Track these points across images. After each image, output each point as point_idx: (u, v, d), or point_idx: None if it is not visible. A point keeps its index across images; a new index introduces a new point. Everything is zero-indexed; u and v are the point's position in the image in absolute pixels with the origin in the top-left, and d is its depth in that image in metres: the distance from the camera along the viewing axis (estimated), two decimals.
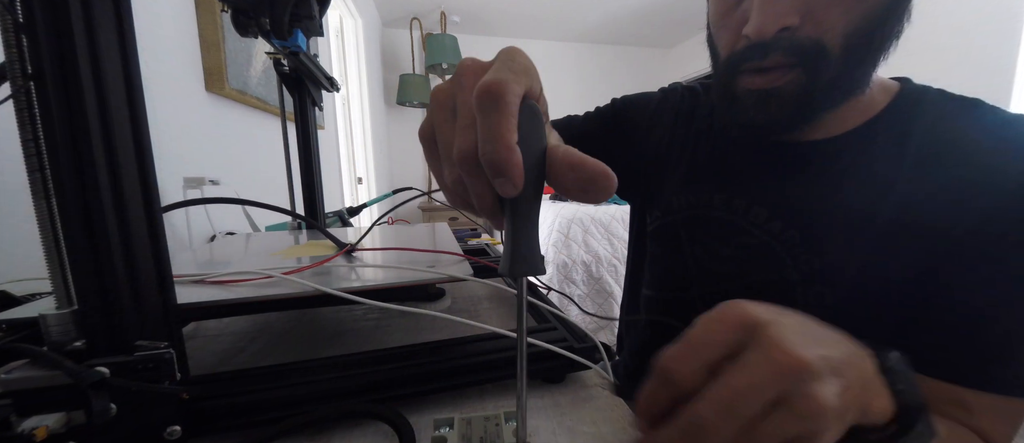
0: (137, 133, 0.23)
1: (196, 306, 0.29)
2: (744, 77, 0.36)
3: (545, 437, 0.26)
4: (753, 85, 0.36)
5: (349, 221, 0.84)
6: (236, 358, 0.37)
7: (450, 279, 0.36)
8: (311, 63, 0.62)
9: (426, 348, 0.31)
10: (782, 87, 0.35)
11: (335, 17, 2.23)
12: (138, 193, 0.23)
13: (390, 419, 0.25)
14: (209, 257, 0.47)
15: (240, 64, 1.00)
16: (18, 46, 0.20)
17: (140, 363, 0.22)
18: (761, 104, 0.36)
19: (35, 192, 0.22)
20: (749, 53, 0.35)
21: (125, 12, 0.22)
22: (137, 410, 0.22)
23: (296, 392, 0.26)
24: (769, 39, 0.33)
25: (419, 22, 3.18)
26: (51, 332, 0.22)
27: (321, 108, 0.71)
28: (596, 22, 3.29)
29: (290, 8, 0.47)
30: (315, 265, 0.38)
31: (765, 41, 0.33)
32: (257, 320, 0.46)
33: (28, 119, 0.21)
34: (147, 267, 0.24)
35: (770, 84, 0.35)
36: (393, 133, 3.46)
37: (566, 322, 0.36)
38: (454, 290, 0.54)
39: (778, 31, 0.33)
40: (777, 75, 0.35)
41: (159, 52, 0.76)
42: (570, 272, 1.90)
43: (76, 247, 0.22)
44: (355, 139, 2.56)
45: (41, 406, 0.21)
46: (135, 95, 0.23)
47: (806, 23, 0.32)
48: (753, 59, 0.35)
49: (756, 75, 0.35)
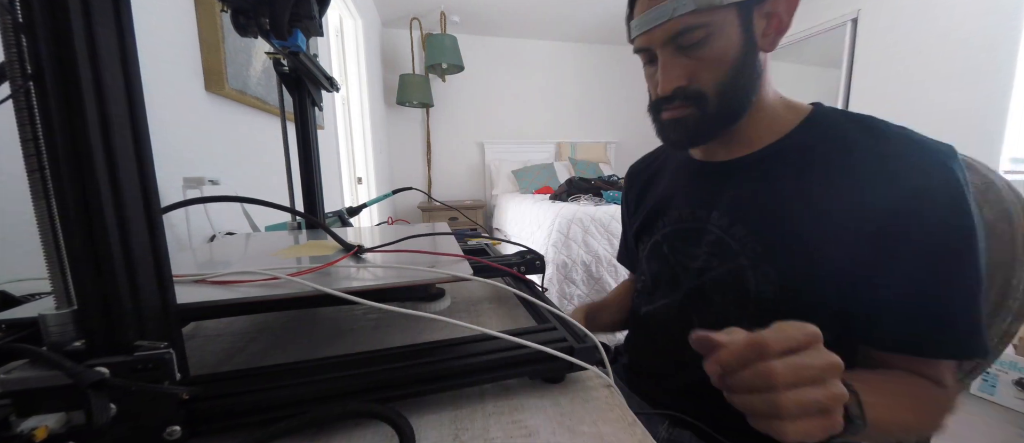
0: (137, 133, 0.23)
1: (196, 306, 0.29)
2: (663, 112, 0.53)
3: (545, 437, 0.26)
4: (668, 116, 0.53)
5: (349, 221, 0.84)
6: (236, 358, 0.37)
7: (451, 279, 0.36)
8: (311, 63, 0.62)
9: (426, 348, 0.31)
10: (684, 118, 0.51)
11: (335, 17, 2.23)
12: (138, 193, 0.23)
13: (390, 419, 0.25)
14: (209, 257, 0.47)
15: (240, 64, 1.00)
16: (18, 46, 0.20)
17: (140, 363, 0.22)
18: (674, 128, 0.53)
19: (34, 192, 0.22)
20: (661, 101, 0.52)
21: (124, 12, 0.22)
22: (137, 410, 0.22)
23: (296, 392, 0.26)
24: (670, 93, 0.50)
25: (419, 22, 3.18)
26: (51, 332, 0.22)
27: (321, 108, 0.71)
28: (596, 22, 3.29)
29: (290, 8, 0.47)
30: (325, 266, 0.38)
31: (668, 95, 0.50)
32: (257, 320, 0.46)
33: (27, 119, 0.21)
34: (147, 267, 0.24)
35: (676, 115, 0.52)
36: (393, 133, 3.46)
37: (566, 322, 0.36)
38: (454, 290, 0.54)
39: (674, 89, 0.50)
40: (679, 110, 0.51)
41: (159, 52, 0.76)
42: (570, 272, 1.90)
43: (75, 247, 0.22)
44: (355, 139, 2.56)
45: (41, 406, 0.21)
46: (135, 95, 0.23)
47: (691, 81, 0.49)
48: (664, 104, 0.52)
49: (668, 110, 0.53)
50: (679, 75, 0.49)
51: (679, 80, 0.49)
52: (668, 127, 0.54)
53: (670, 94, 0.50)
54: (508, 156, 3.63)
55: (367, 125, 2.63)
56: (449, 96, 3.51)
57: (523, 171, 3.38)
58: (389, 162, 3.42)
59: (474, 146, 3.67)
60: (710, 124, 0.51)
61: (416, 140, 3.55)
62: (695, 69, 0.49)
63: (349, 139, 2.46)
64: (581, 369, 0.31)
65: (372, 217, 2.68)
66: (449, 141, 3.60)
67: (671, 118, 0.53)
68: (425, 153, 3.55)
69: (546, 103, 3.76)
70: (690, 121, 0.51)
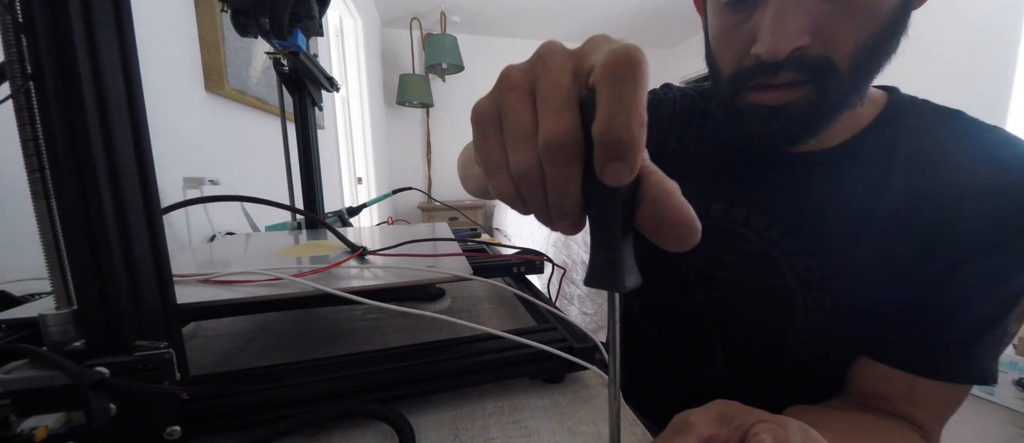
0: (137, 133, 0.23)
1: (196, 306, 0.29)
2: (751, 93, 0.36)
3: (545, 437, 0.26)
4: (761, 101, 0.36)
5: (349, 221, 0.84)
6: (236, 358, 0.37)
7: (452, 278, 0.36)
8: (311, 63, 0.62)
9: (426, 348, 0.31)
10: (792, 103, 0.35)
11: (335, 17, 2.23)
12: (138, 193, 0.23)
13: (390, 419, 0.25)
14: (209, 257, 0.47)
15: (240, 64, 1.00)
16: (18, 46, 0.20)
17: (140, 363, 0.22)
18: (768, 119, 0.36)
19: (34, 192, 0.22)
20: (758, 71, 0.34)
21: (125, 12, 0.22)
22: (137, 410, 0.22)
23: (296, 392, 0.26)
24: (782, 59, 0.33)
25: (419, 22, 3.18)
26: (51, 332, 0.22)
27: (321, 108, 0.71)
28: (596, 22, 3.29)
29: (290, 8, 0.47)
30: (330, 267, 0.38)
31: (777, 61, 0.33)
32: (257, 320, 0.46)
33: (27, 119, 0.21)
34: (147, 267, 0.24)
35: (779, 100, 0.35)
36: (393, 133, 3.46)
37: (566, 322, 0.36)
38: (454, 290, 0.54)
39: (792, 51, 0.32)
40: (786, 92, 0.35)
41: (159, 52, 0.76)
42: (570, 272, 1.90)
43: (75, 247, 0.22)
44: (355, 139, 2.56)
45: (40, 406, 0.21)
46: (135, 95, 0.23)
47: (816, 41, 0.32)
48: (762, 77, 0.34)
49: (764, 91, 0.35)
50: (804, 27, 0.31)
51: (802, 36, 0.32)
52: (757, 116, 0.36)
53: (783, 59, 0.32)
54: None
55: (367, 125, 2.62)
56: (449, 96, 3.51)
57: None
58: (389, 162, 3.42)
59: None
60: (826, 115, 0.35)
61: (416, 140, 3.55)
62: (830, 19, 0.31)
63: (349, 139, 2.46)
64: (581, 369, 0.31)
65: (372, 217, 2.68)
66: (449, 141, 3.60)
67: (766, 102, 0.35)
68: (425, 153, 3.55)
69: None
70: (799, 108, 0.34)
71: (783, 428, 0.20)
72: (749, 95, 0.36)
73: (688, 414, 0.24)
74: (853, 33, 0.32)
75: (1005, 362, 1.50)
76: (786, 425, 0.20)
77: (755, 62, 0.35)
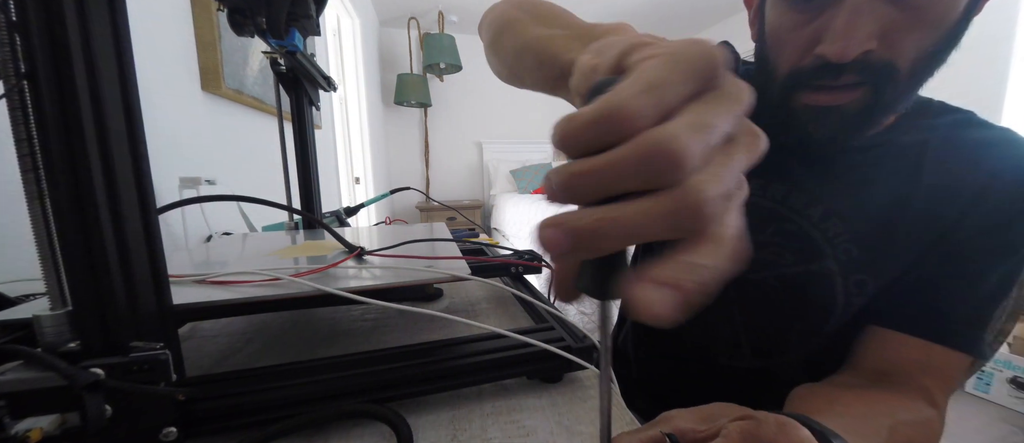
0: (132, 133, 0.23)
1: (192, 307, 0.29)
2: (807, 93, 0.36)
3: (543, 436, 0.26)
4: (817, 102, 0.36)
5: (347, 221, 0.84)
6: (233, 359, 0.37)
7: (450, 278, 0.36)
8: (308, 63, 0.62)
9: (424, 348, 0.31)
10: (846, 105, 0.35)
11: (332, 16, 2.22)
12: (133, 193, 0.23)
13: (388, 419, 0.25)
14: (205, 257, 0.47)
15: (236, 63, 0.99)
16: (11, 45, 0.20)
17: (135, 364, 0.22)
18: (821, 119, 0.36)
19: (29, 192, 0.21)
20: (821, 72, 0.35)
21: (120, 11, 0.22)
22: (133, 412, 0.22)
23: (293, 393, 0.26)
24: (848, 62, 0.33)
25: (417, 22, 3.18)
26: (45, 333, 0.22)
27: (318, 108, 0.71)
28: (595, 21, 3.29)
29: (287, 7, 0.47)
30: (327, 268, 0.37)
31: (844, 63, 0.33)
32: (254, 321, 0.45)
33: (21, 119, 0.21)
34: (142, 268, 0.23)
35: (835, 101, 0.35)
36: (391, 133, 3.45)
37: (564, 322, 0.36)
38: (451, 290, 0.54)
39: (861, 54, 0.33)
40: (843, 93, 0.35)
41: (154, 51, 0.75)
42: None
43: (70, 248, 0.22)
44: (352, 139, 2.56)
45: (35, 408, 0.21)
46: (130, 94, 0.23)
47: (882, 46, 0.33)
48: (825, 78, 0.35)
49: (821, 92, 0.36)
50: (872, 33, 0.32)
51: (870, 40, 0.32)
52: (810, 116, 0.36)
53: (850, 62, 0.32)
54: (506, 156, 3.63)
55: (365, 125, 2.62)
56: (447, 96, 3.51)
57: (521, 171, 3.38)
58: (387, 162, 3.41)
59: (472, 146, 3.67)
60: (877, 117, 0.36)
61: (414, 140, 3.54)
62: (898, 25, 0.32)
63: (347, 139, 2.46)
64: (579, 368, 0.31)
65: (370, 217, 2.68)
66: (447, 141, 3.60)
67: (821, 104, 0.35)
68: (423, 153, 3.55)
69: (544, 103, 3.75)
70: (853, 110, 0.35)
71: (757, 424, 0.20)
72: (804, 95, 0.37)
73: (673, 411, 0.24)
74: (918, 41, 0.33)
75: (1000, 361, 1.51)
76: (762, 422, 0.20)
77: (818, 62, 0.34)
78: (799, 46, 0.36)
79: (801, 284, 0.42)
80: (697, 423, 0.22)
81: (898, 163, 0.40)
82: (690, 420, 0.23)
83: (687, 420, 0.23)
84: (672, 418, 0.23)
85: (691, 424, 0.22)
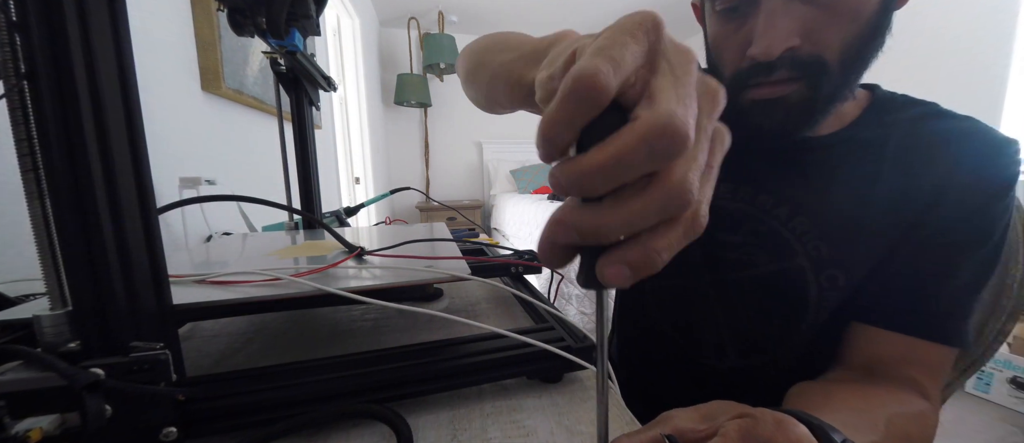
0: (132, 133, 0.23)
1: (192, 307, 0.29)
2: (750, 90, 0.39)
3: (543, 436, 0.26)
4: (759, 96, 0.39)
5: (347, 221, 0.84)
6: (233, 359, 0.37)
7: (450, 278, 0.36)
8: (308, 62, 0.62)
9: (424, 348, 0.31)
10: (788, 96, 0.38)
11: (332, 16, 2.22)
12: (133, 193, 0.23)
13: (388, 419, 0.25)
14: (205, 257, 0.47)
15: (236, 63, 0.99)
16: (12, 45, 0.20)
17: (135, 364, 0.22)
18: (768, 111, 0.39)
19: (29, 192, 0.21)
20: (755, 71, 0.38)
21: (120, 11, 0.22)
22: (133, 412, 0.22)
23: (293, 393, 0.26)
24: (775, 59, 0.36)
25: (417, 22, 3.18)
26: (45, 333, 0.22)
27: (318, 108, 0.71)
28: (596, 21, 3.29)
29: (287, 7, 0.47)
30: (327, 268, 0.37)
31: (771, 61, 0.36)
32: (254, 321, 0.45)
33: (22, 119, 0.21)
34: (142, 268, 0.23)
35: (776, 94, 0.38)
36: (391, 133, 3.45)
37: (564, 322, 0.36)
38: (451, 291, 0.54)
39: (783, 51, 0.36)
40: (782, 86, 0.38)
41: (154, 51, 0.75)
42: (568, 272, 1.90)
43: (70, 247, 0.22)
44: (352, 139, 2.56)
45: (35, 408, 0.21)
46: (130, 94, 0.23)
47: (806, 42, 0.36)
48: (759, 76, 0.38)
49: (762, 87, 0.39)
50: (792, 30, 0.35)
51: (792, 38, 0.35)
52: (758, 111, 0.39)
53: (775, 59, 0.36)
54: (506, 156, 3.63)
55: (365, 125, 2.62)
56: (447, 96, 3.51)
57: (521, 171, 3.38)
58: (387, 162, 3.41)
59: (472, 146, 3.67)
60: (821, 107, 0.38)
61: (414, 140, 3.54)
62: (817, 22, 0.35)
63: (347, 139, 2.46)
64: (579, 368, 0.31)
65: (370, 217, 2.68)
66: (447, 141, 3.60)
67: (765, 97, 0.39)
68: (423, 153, 3.55)
69: None
70: (795, 101, 0.38)
71: (755, 422, 0.20)
72: (749, 93, 0.40)
73: (672, 411, 0.24)
74: (839, 34, 0.36)
75: (1000, 361, 1.51)
76: (760, 419, 0.20)
77: (752, 63, 0.38)
78: (735, 51, 0.40)
79: (776, 282, 0.44)
80: (696, 422, 0.23)
81: (860, 159, 0.42)
82: (689, 419, 0.23)
83: (686, 419, 0.23)
84: (672, 417, 0.23)
85: (691, 423, 0.22)
